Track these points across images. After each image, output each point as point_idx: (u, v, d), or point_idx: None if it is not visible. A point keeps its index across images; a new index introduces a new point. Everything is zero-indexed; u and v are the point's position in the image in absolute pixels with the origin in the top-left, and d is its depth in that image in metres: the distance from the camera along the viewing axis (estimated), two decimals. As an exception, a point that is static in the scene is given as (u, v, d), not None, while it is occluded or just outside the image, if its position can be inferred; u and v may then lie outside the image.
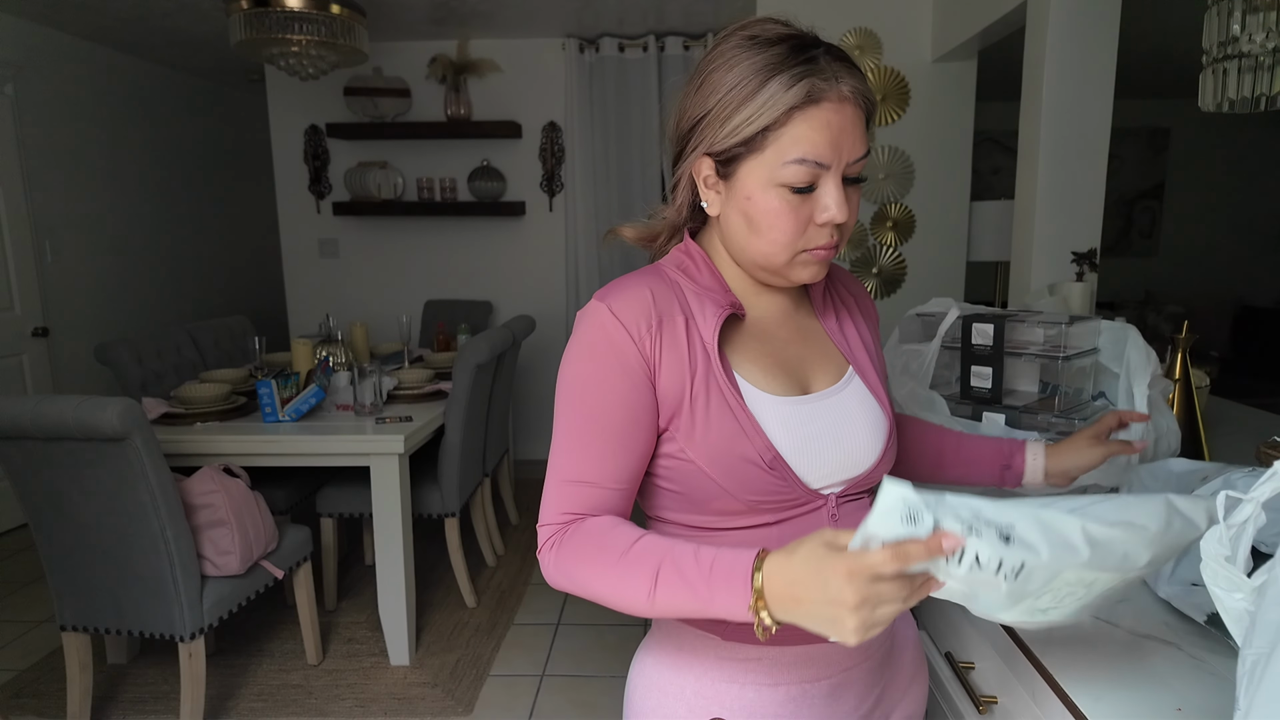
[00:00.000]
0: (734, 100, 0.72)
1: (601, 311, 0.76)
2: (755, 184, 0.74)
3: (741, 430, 0.75)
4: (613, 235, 0.90)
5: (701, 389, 0.75)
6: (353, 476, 2.66)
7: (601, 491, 0.76)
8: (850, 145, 0.73)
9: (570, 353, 0.78)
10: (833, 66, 0.72)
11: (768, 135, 0.72)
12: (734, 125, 0.73)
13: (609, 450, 0.76)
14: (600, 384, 0.75)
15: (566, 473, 0.77)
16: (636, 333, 0.75)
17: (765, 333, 0.83)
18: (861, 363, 0.87)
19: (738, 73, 0.72)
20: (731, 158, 0.74)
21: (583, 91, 4.03)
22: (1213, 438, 1.53)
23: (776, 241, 0.75)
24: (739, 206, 0.76)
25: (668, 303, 0.77)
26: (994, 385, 1.34)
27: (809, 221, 0.75)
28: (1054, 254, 2.24)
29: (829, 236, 0.76)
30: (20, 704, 2.26)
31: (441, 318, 4.01)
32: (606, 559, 0.71)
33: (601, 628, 2.67)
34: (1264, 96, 1.32)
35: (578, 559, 0.73)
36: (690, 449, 0.76)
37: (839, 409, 0.82)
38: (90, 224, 4.09)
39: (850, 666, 0.84)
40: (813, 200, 0.74)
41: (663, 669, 0.84)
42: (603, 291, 0.78)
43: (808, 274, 0.79)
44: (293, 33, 2.60)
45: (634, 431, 0.76)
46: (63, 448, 1.81)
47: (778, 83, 0.70)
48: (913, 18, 3.17)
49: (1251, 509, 0.55)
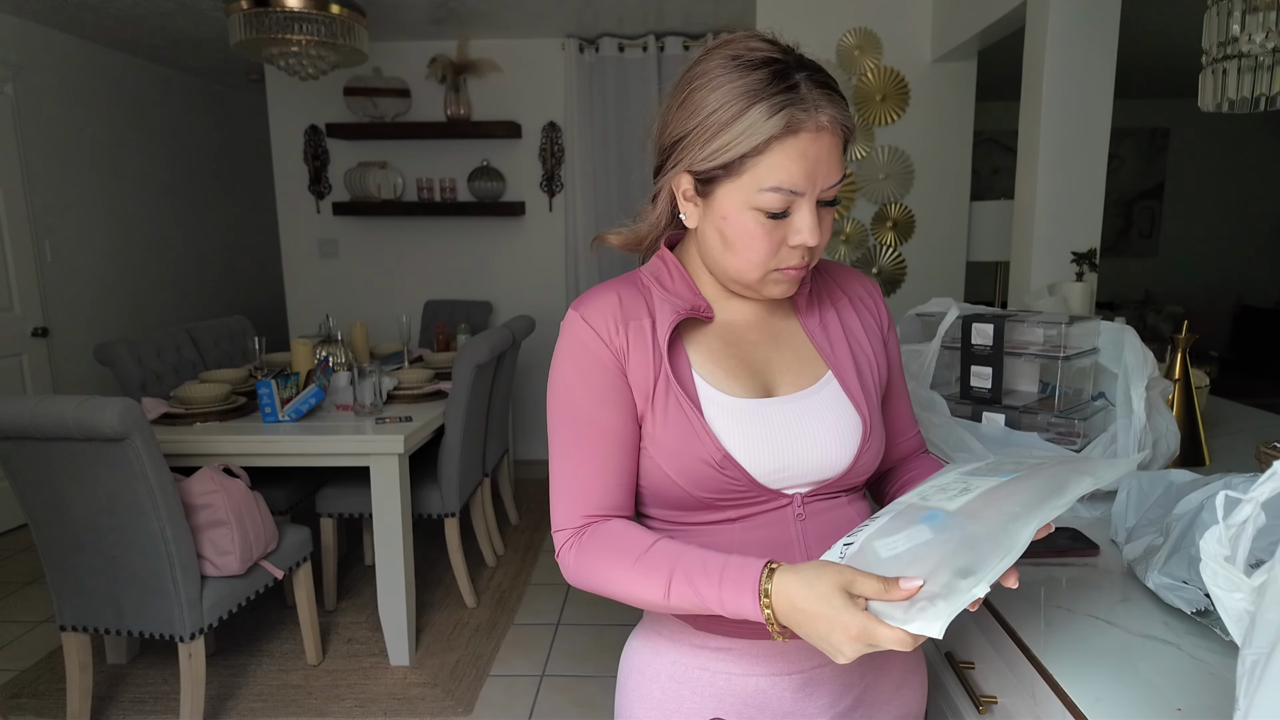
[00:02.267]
0: (714, 124, 0.74)
1: (575, 320, 0.82)
2: (731, 206, 0.76)
3: (693, 429, 0.79)
4: (599, 242, 0.93)
5: (662, 388, 0.80)
6: (352, 476, 2.66)
7: (604, 487, 0.81)
8: (825, 173, 0.75)
9: (554, 362, 0.84)
10: (813, 95, 0.73)
11: (745, 162, 0.74)
12: (713, 149, 0.74)
13: (603, 447, 0.81)
14: (584, 387, 0.81)
15: (568, 475, 0.82)
16: (606, 334, 0.81)
17: (734, 336, 0.86)
18: (842, 366, 0.86)
19: (719, 96, 0.74)
20: (710, 179, 0.77)
21: (583, 92, 4.03)
22: (1212, 438, 1.53)
23: (749, 260, 0.78)
24: (715, 224, 0.79)
25: (635, 306, 0.83)
26: (994, 385, 1.34)
27: (782, 243, 0.77)
28: (1054, 254, 2.24)
29: (800, 258, 0.78)
30: (20, 704, 2.26)
31: (441, 318, 4.01)
32: (623, 563, 0.76)
33: (601, 628, 2.67)
34: (1264, 96, 1.32)
35: (595, 564, 0.79)
36: (652, 446, 0.81)
37: (805, 412, 0.83)
38: (90, 224, 4.09)
39: (822, 664, 0.84)
40: (786, 224, 0.76)
41: (645, 654, 0.89)
42: (576, 301, 0.84)
43: (778, 290, 0.82)
44: (292, 33, 2.60)
45: (621, 425, 0.81)
46: (62, 448, 1.81)
47: (758, 111, 0.72)
48: (912, 18, 3.17)
49: (1251, 509, 0.55)
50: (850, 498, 0.87)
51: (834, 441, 0.82)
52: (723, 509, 0.81)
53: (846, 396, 0.85)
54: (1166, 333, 3.89)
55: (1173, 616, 0.86)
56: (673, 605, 0.74)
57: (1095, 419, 1.30)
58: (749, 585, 0.68)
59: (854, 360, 0.87)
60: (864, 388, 0.86)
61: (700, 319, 0.85)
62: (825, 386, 0.85)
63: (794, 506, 0.82)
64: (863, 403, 0.85)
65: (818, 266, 0.94)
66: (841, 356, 0.87)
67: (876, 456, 0.86)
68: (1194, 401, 1.39)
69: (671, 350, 0.83)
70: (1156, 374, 1.26)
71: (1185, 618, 0.84)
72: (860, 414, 0.84)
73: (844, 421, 0.83)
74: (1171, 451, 1.26)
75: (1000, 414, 1.33)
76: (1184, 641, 0.81)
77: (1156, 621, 0.85)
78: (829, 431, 0.83)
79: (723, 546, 0.81)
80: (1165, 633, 0.83)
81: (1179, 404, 1.39)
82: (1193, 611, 0.82)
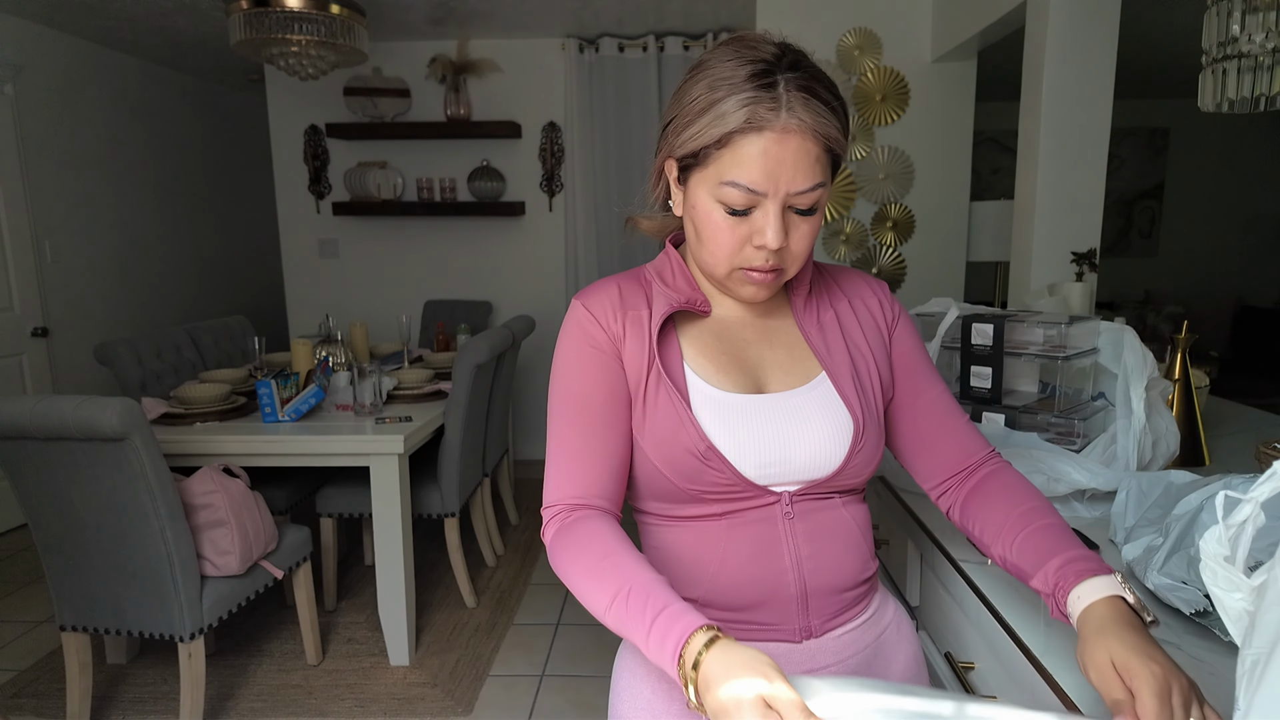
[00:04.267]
0: (690, 112, 0.75)
1: (576, 307, 0.85)
2: (699, 196, 0.78)
3: (679, 419, 0.80)
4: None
5: (654, 378, 0.81)
6: (352, 476, 2.66)
7: (592, 468, 0.81)
8: (790, 177, 0.73)
9: (556, 348, 0.87)
10: (790, 96, 0.72)
11: (710, 153, 0.75)
12: (685, 137, 0.76)
13: (595, 428, 0.82)
14: (581, 370, 0.83)
15: (559, 454, 0.83)
16: (604, 320, 0.83)
17: (729, 332, 0.87)
18: (836, 367, 0.86)
19: (702, 85, 0.75)
20: (685, 166, 0.79)
21: (582, 91, 4.03)
22: (1212, 438, 1.53)
23: (714, 254, 0.79)
24: (689, 213, 0.81)
25: (634, 297, 0.85)
26: (994, 385, 1.34)
27: (745, 241, 0.77)
28: (1054, 254, 2.24)
29: (764, 259, 0.77)
30: (20, 704, 2.26)
31: (441, 318, 4.01)
32: (585, 562, 0.75)
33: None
34: (1264, 96, 1.32)
35: (566, 557, 0.78)
36: (641, 437, 0.82)
37: (795, 410, 0.83)
38: (90, 224, 4.09)
39: (814, 669, 0.84)
40: (749, 222, 0.76)
41: (637, 654, 0.90)
42: (579, 292, 0.87)
43: (747, 293, 0.82)
44: (292, 33, 2.60)
45: (612, 408, 0.82)
46: (62, 448, 1.81)
47: (726, 104, 0.72)
48: (912, 18, 3.17)
49: (1251, 509, 0.55)
50: (844, 499, 0.86)
51: (823, 441, 0.82)
52: (710, 503, 0.81)
53: (839, 397, 0.84)
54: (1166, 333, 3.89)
55: (1172, 616, 0.85)
56: (609, 622, 0.71)
57: (1095, 419, 1.30)
58: (676, 635, 0.64)
59: (850, 361, 0.87)
60: (859, 389, 0.85)
61: (696, 312, 0.86)
62: (818, 386, 0.85)
63: (782, 504, 0.82)
64: (856, 404, 0.84)
65: (819, 267, 0.93)
66: (837, 357, 0.87)
67: (871, 459, 0.85)
68: (1194, 401, 1.39)
69: (666, 342, 0.84)
70: (1156, 374, 1.26)
71: (1185, 618, 0.84)
72: (853, 415, 0.84)
73: (835, 422, 0.83)
74: (1171, 452, 1.26)
75: (1000, 414, 1.33)
76: (1184, 641, 0.81)
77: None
78: (818, 431, 0.82)
79: (711, 542, 0.82)
80: (1165, 633, 0.82)
81: (1179, 404, 1.39)
82: (1192, 612, 0.81)
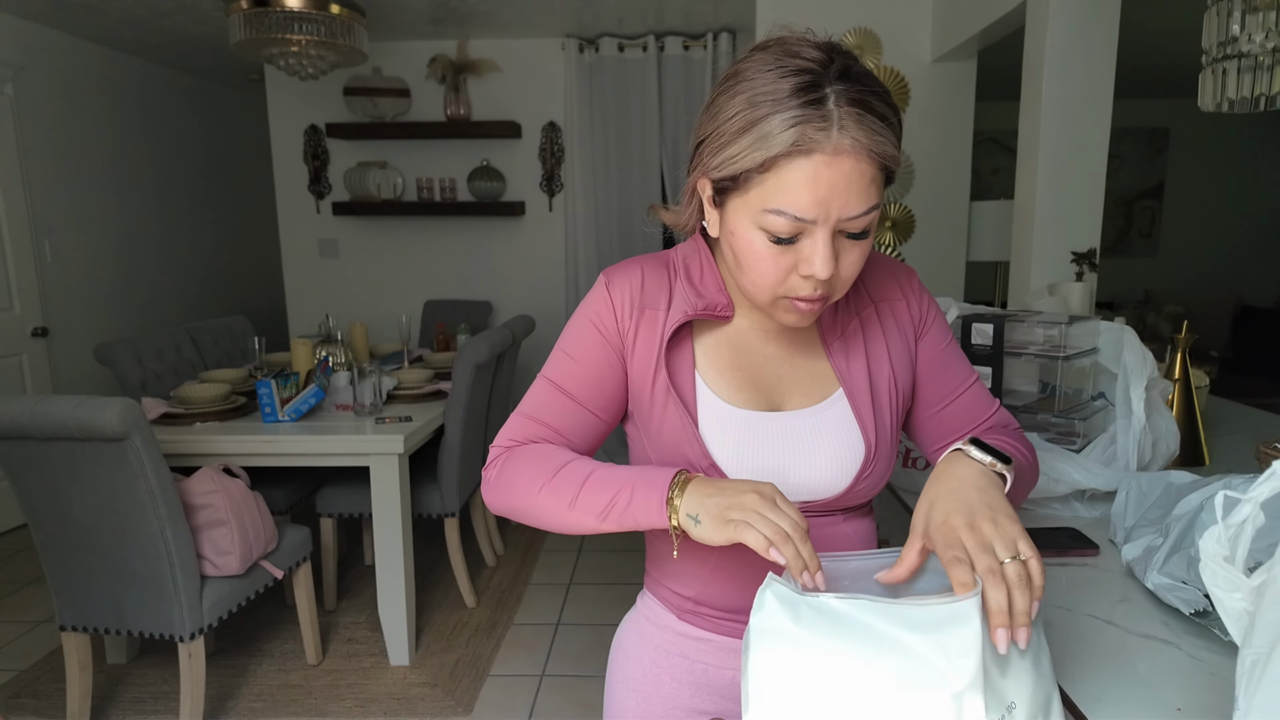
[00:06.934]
0: (727, 132, 0.68)
1: (600, 287, 0.83)
2: (739, 222, 0.71)
3: (684, 433, 0.79)
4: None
5: (663, 384, 0.80)
6: (352, 476, 2.66)
7: (552, 436, 0.83)
8: (843, 203, 0.66)
9: (576, 310, 0.86)
10: (841, 113, 0.65)
11: (751, 178, 0.68)
12: (721, 159, 0.69)
13: (569, 404, 0.82)
14: (580, 346, 0.82)
15: (528, 408, 0.84)
16: (620, 312, 0.81)
17: (748, 344, 0.83)
18: (855, 386, 0.82)
19: (740, 101, 0.67)
20: (721, 189, 0.72)
21: (582, 91, 4.03)
22: (1212, 438, 1.53)
23: (756, 283, 0.73)
24: (726, 238, 0.74)
25: (656, 292, 0.82)
26: (994, 385, 1.34)
27: (791, 270, 0.71)
28: (1054, 254, 2.24)
29: (813, 288, 0.71)
30: (20, 704, 2.26)
31: (441, 318, 4.01)
32: (545, 468, 0.77)
33: (601, 628, 2.67)
34: (1264, 96, 1.32)
35: (516, 471, 0.79)
36: (646, 440, 0.82)
37: (805, 431, 0.81)
38: (90, 224, 4.09)
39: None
40: (796, 250, 0.70)
41: (633, 636, 0.93)
42: (608, 269, 0.85)
43: (790, 319, 0.75)
44: (292, 33, 2.60)
45: (595, 396, 0.82)
46: (62, 448, 1.81)
47: (769, 124, 0.65)
48: (913, 18, 3.17)
49: (1250, 509, 0.55)
50: (847, 516, 0.85)
51: (830, 463, 0.80)
52: None
53: (854, 418, 0.82)
54: (1166, 333, 3.89)
55: (1172, 616, 0.86)
56: (579, 502, 0.74)
57: (1095, 419, 1.30)
58: (666, 476, 0.71)
59: (869, 380, 0.83)
60: (876, 409, 0.82)
61: (718, 318, 0.82)
62: (834, 405, 0.82)
63: None
64: (871, 426, 0.81)
65: None
66: (857, 375, 0.83)
67: (880, 480, 0.83)
68: (1194, 401, 1.39)
69: (679, 345, 0.81)
70: (1156, 374, 1.26)
71: (1185, 618, 0.84)
72: (865, 438, 0.81)
73: (846, 443, 0.81)
74: (1171, 452, 1.26)
75: (1000, 414, 1.33)
76: (1183, 641, 0.81)
77: (1156, 621, 0.85)
78: (826, 453, 0.80)
79: (709, 546, 0.81)
80: (1165, 633, 0.82)
81: (1178, 404, 1.39)
82: (1192, 612, 0.82)
